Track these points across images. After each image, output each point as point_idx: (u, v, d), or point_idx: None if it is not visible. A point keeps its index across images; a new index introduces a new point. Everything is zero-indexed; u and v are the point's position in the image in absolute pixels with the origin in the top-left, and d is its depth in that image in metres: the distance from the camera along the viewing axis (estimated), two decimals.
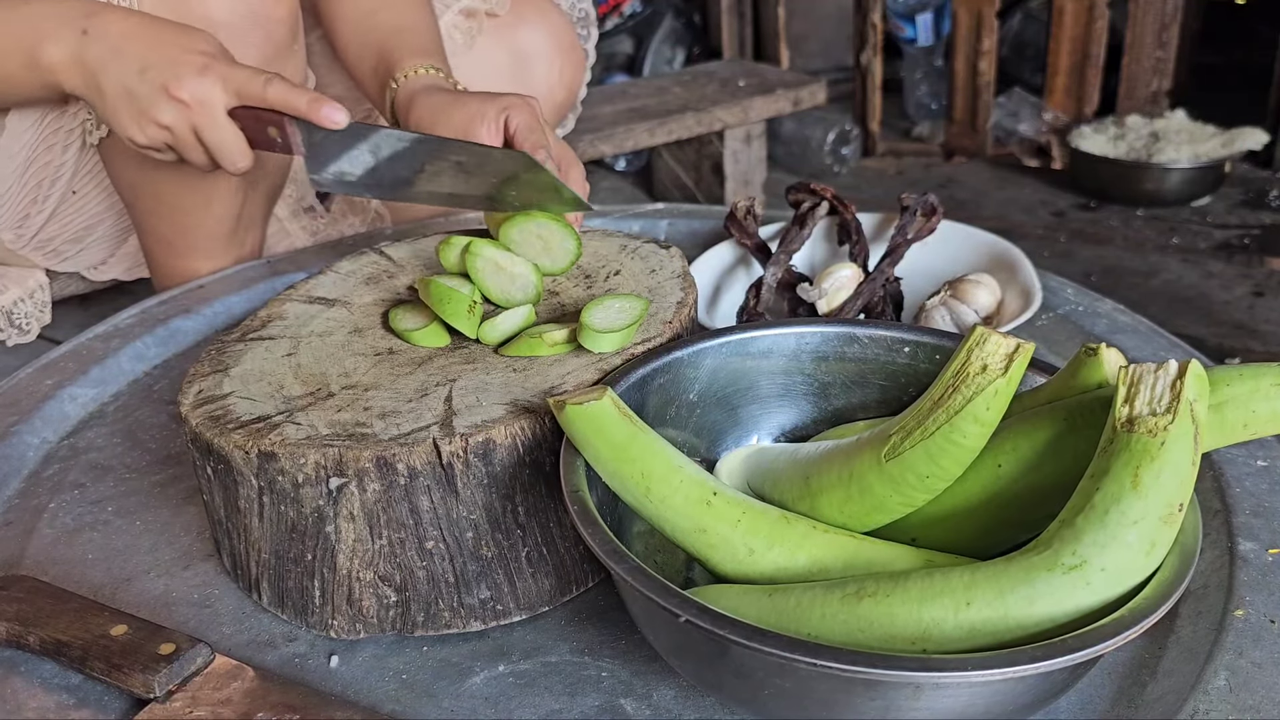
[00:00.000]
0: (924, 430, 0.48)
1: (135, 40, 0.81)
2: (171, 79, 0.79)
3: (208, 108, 0.79)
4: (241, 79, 0.79)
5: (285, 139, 0.80)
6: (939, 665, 0.40)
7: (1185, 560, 0.44)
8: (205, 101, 0.79)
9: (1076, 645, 0.40)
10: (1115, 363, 0.50)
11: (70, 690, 0.56)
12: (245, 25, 0.94)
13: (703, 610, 0.43)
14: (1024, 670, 0.40)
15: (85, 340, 0.91)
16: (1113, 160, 2.19)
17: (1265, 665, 0.51)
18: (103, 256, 1.17)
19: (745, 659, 0.44)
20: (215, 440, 0.57)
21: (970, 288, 0.79)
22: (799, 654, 0.41)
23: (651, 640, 0.51)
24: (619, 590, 0.52)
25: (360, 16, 1.04)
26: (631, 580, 0.45)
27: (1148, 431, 0.42)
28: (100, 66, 0.81)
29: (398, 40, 1.00)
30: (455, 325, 0.65)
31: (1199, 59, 2.62)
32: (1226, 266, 1.90)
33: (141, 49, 0.80)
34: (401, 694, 0.56)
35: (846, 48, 2.84)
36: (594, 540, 0.47)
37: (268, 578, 0.61)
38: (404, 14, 1.03)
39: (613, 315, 0.63)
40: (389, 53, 0.99)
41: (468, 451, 0.55)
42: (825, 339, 0.63)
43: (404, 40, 1.00)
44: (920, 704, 0.42)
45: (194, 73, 0.79)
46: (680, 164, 2.22)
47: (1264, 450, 0.67)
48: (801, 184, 0.94)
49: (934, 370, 0.61)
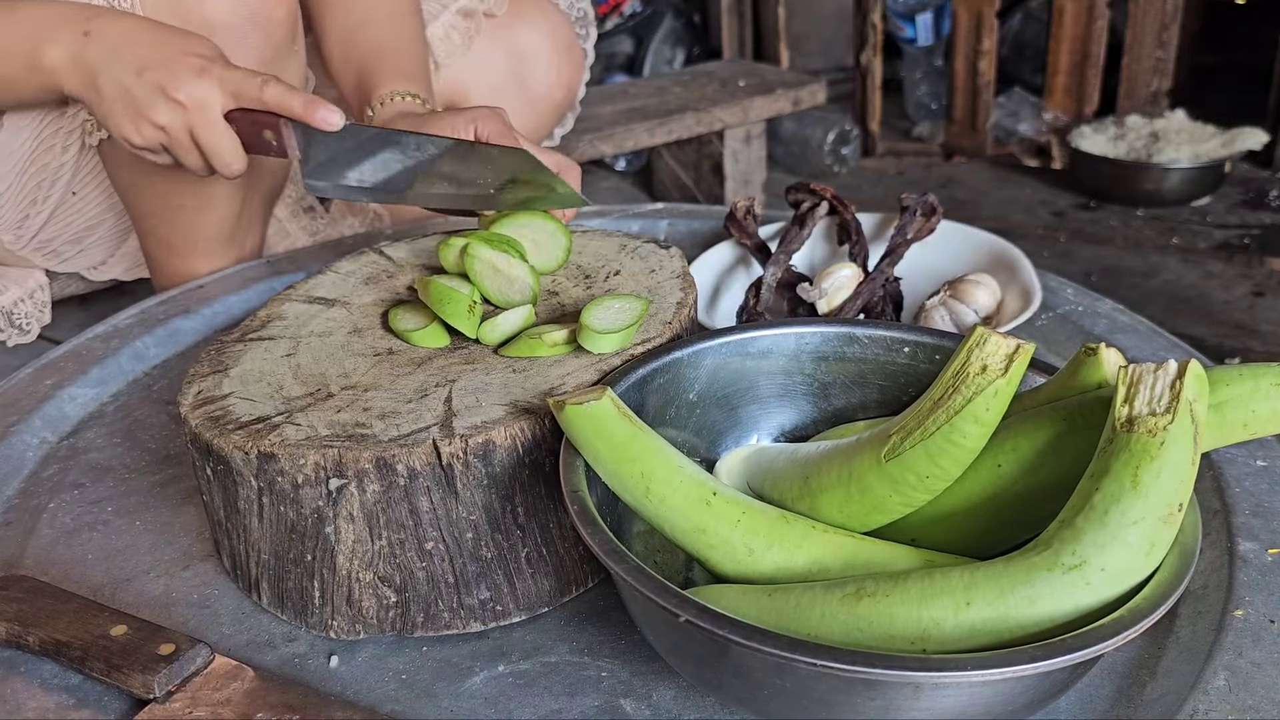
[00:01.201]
0: (924, 431, 0.48)
1: (135, 42, 0.81)
2: (169, 80, 0.79)
3: (204, 110, 0.80)
4: (238, 81, 0.79)
5: (280, 143, 0.80)
6: (939, 665, 0.40)
7: (1185, 560, 0.44)
8: (202, 103, 0.79)
9: (1076, 645, 0.40)
10: (1115, 363, 0.50)
11: (70, 690, 0.56)
12: (244, 26, 0.94)
13: (702, 610, 0.43)
14: (1023, 670, 0.40)
15: (85, 340, 0.91)
16: (1113, 160, 2.19)
17: (1264, 665, 0.51)
18: (102, 257, 1.17)
19: (745, 659, 0.44)
20: (215, 441, 0.57)
21: (970, 288, 0.79)
22: (799, 654, 0.41)
23: (651, 640, 0.51)
24: (619, 590, 0.52)
25: (344, 34, 1.04)
26: (631, 580, 0.45)
27: (1147, 431, 0.42)
28: (99, 67, 0.81)
29: (378, 62, 1.00)
30: (455, 325, 0.65)
31: (1199, 59, 2.62)
32: (1226, 266, 1.90)
33: (141, 50, 0.80)
34: (401, 694, 0.56)
35: (846, 48, 2.84)
36: (594, 540, 0.47)
37: (267, 578, 0.61)
38: (386, 32, 1.03)
39: (612, 316, 0.63)
40: (369, 73, 1.00)
41: (467, 452, 0.55)
42: (825, 339, 0.63)
43: (385, 61, 1.00)
44: (920, 704, 0.42)
45: (192, 74, 0.79)
46: (680, 164, 2.22)
47: (1264, 450, 0.67)
48: (801, 184, 0.94)
49: (934, 370, 0.61)
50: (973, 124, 2.51)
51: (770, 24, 2.82)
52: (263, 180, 1.09)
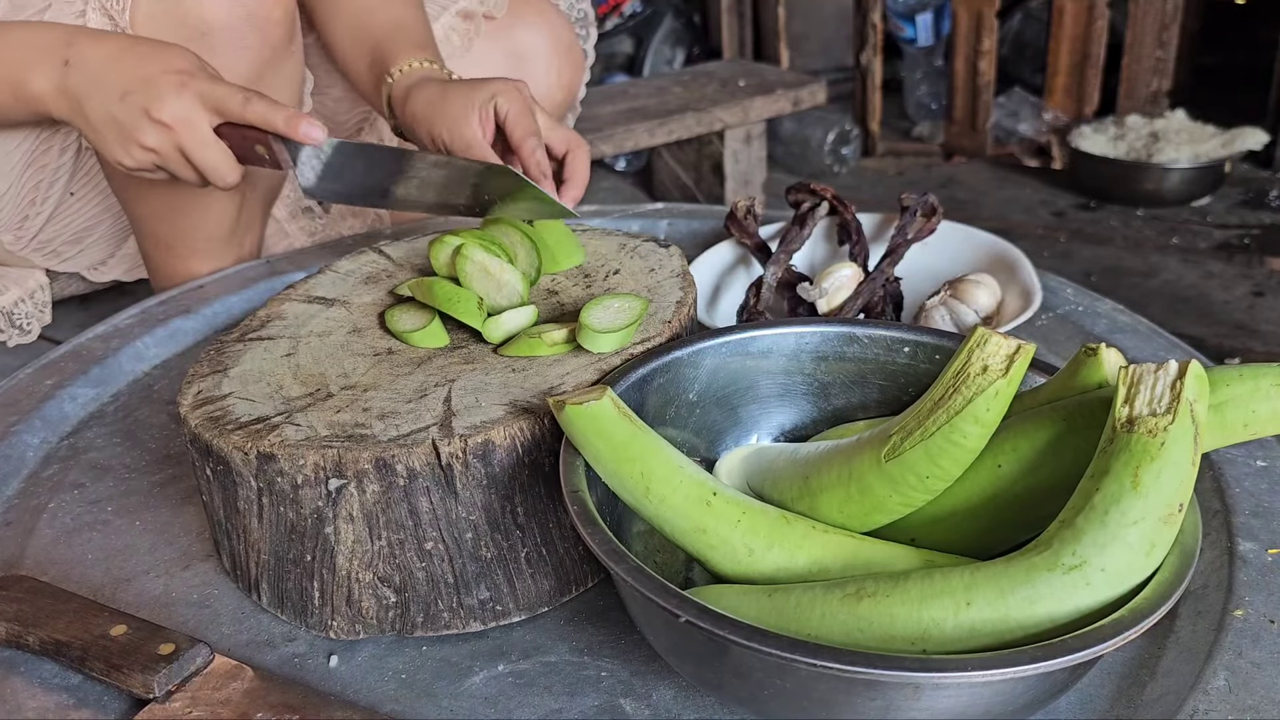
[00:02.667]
0: (924, 431, 0.48)
1: (114, 65, 0.80)
2: (151, 101, 0.79)
3: (191, 127, 0.80)
4: (219, 96, 0.79)
5: (272, 155, 0.81)
6: (939, 665, 0.40)
7: (1185, 560, 0.44)
8: (187, 121, 0.79)
9: (1076, 646, 0.40)
10: (1115, 363, 0.50)
11: (70, 690, 0.56)
12: (241, 27, 0.94)
13: (702, 610, 0.43)
14: (1024, 671, 0.40)
15: (85, 340, 0.91)
16: (1113, 160, 2.19)
17: (1264, 665, 0.51)
18: (102, 257, 1.17)
19: (745, 659, 0.44)
20: (214, 441, 0.57)
21: (970, 288, 0.79)
22: (799, 654, 0.41)
23: (651, 640, 0.51)
24: (618, 590, 0.52)
25: (354, 17, 1.04)
26: (631, 580, 0.44)
27: (1148, 432, 0.42)
28: (83, 95, 0.81)
29: (394, 36, 1.00)
30: (469, 323, 0.65)
31: (1199, 59, 2.62)
32: (1226, 266, 1.90)
33: (121, 74, 0.80)
34: (401, 694, 0.56)
35: (846, 48, 2.84)
36: (594, 540, 0.47)
37: (267, 578, 0.61)
38: (399, 11, 1.03)
39: (612, 315, 0.63)
40: (385, 48, 1.00)
41: (467, 452, 0.55)
42: (825, 339, 0.63)
43: (400, 35, 1.00)
44: (920, 704, 0.42)
45: (172, 92, 0.79)
46: (680, 164, 2.22)
47: (1264, 450, 0.67)
48: (801, 184, 0.94)
49: (934, 370, 0.61)
50: (973, 124, 2.51)
51: (770, 24, 2.83)
52: (261, 181, 1.09)
